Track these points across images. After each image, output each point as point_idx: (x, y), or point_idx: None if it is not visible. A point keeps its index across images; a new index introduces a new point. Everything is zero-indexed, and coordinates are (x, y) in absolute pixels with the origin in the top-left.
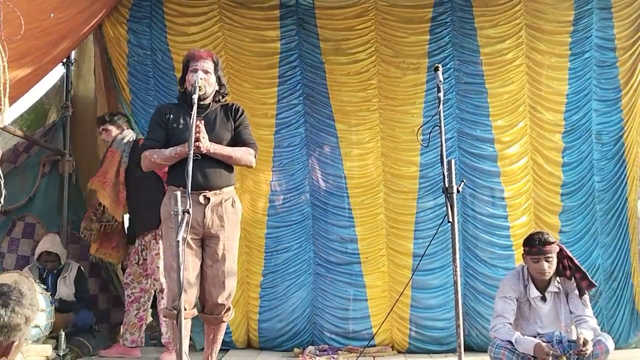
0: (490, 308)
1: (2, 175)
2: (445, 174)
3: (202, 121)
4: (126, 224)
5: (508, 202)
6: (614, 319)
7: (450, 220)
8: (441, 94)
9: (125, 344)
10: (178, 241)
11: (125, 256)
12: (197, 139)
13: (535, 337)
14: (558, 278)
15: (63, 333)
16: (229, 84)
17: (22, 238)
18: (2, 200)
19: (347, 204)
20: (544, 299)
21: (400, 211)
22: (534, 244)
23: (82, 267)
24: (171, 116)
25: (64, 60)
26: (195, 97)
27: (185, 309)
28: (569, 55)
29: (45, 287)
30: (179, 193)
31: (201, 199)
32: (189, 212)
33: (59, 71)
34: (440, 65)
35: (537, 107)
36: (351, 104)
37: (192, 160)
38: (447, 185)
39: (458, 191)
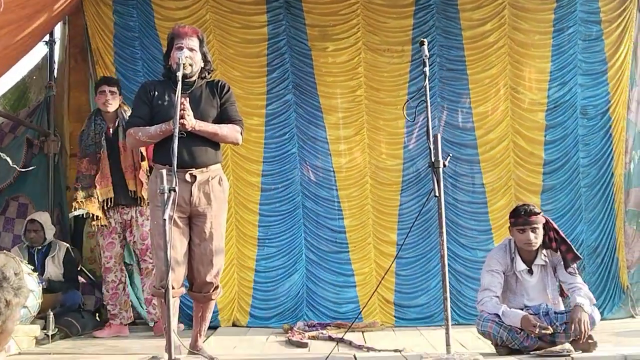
0: (470, 288)
1: None
2: (432, 148)
3: (187, 98)
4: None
5: (487, 188)
6: (598, 293)
7: (437, 194)
8: (427, 69)
9: (122, 322)
10: (164, 219)
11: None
12: (182, 116)
13: (522, 309)
14: (544, 251)
15: (51, 313)
16: (218, 70)
17: (16, 218)
18: None
19: (336, 197)
20: (530, 271)
21: (385, 203)
22: (520, 215)
23: (70, 248)
24: (156, 93)
25: (47, 39)
26: (179, 74)
27: (173, 288)
28: (552, 32)
29: (33, 267)
30: (164, 171)
31: (187, 177)
32: (175, 191)
33: (41, 50)
34: (425, 40)
35: (519, 88)
36: (338, 94)
37: (177, 138)
38: (433, 160)
39: (444, 165)
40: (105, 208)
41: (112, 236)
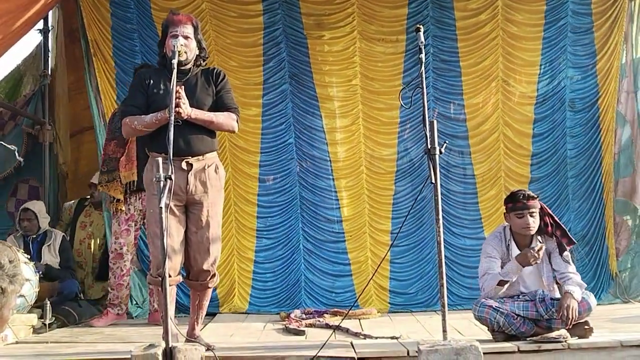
0: (461, 275)
1: None
2: (428, 135)
3: (183, 86)
4: None
5: (478, 178)
6: (588, 279)
7: (433, 181)
8: (422, 55)
9: (119, 313)
10: (161, 207)
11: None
12: (178, 105)
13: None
14: (539, 237)
15: (48, 302)
16: (214, 60)
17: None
18: None
19: (333, 187)
20: None
21: (380, 192)
22: (519, 199)
23: (65, 236)
24: (151, 82)
25: (41, 28)
26: (175, 62)
27: (170, 276)
28: (544, 24)
29: (29, 256)
30: (160, 159)
31: (184, 165)
32: (171, 179)
33: (35, 39)
34: (421, 26)
35: (510, 80)
36: (334, 83)
37: (173, 126)
38: (429, 147)
39: (440, 152)
40: (127, 193)
41: (129, 223)
